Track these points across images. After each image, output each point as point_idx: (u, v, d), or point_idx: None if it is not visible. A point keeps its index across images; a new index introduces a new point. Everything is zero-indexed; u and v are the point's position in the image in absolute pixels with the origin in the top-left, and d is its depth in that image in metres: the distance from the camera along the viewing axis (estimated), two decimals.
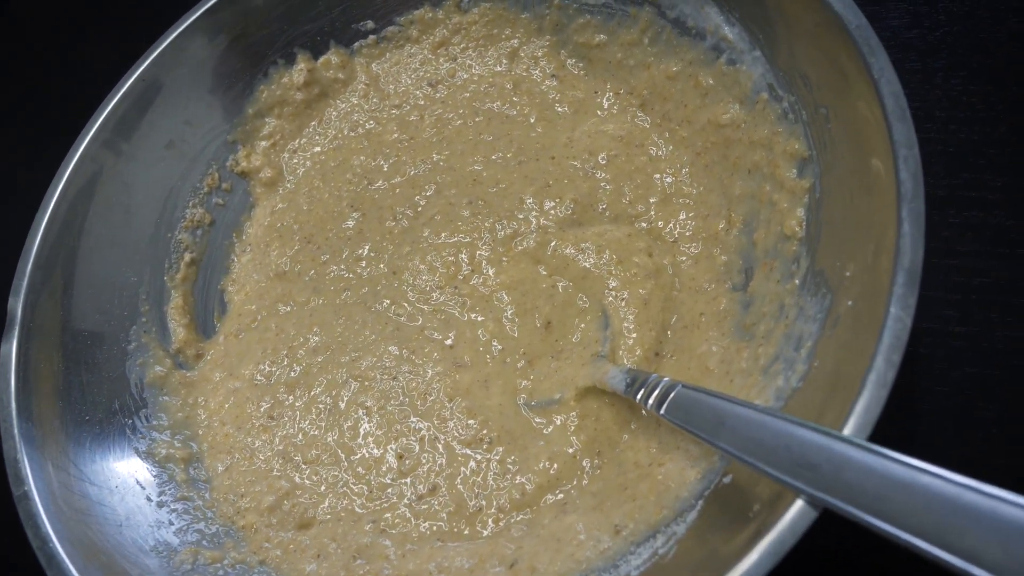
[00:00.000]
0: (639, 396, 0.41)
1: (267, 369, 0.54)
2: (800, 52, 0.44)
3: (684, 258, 0.51)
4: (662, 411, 0.39)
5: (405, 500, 0.48)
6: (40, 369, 0.48)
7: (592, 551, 0.41)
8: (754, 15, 0.47)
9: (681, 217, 0.52)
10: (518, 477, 0.46)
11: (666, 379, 0.40)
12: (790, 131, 0.45)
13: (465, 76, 0.61)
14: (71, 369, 0.50)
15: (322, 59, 0.62)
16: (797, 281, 0.43)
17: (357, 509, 0.48)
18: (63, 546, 0.41)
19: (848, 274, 0.38)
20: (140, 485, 0.48)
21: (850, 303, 0.37)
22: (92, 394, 0.50)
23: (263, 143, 0.62)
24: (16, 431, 0.44)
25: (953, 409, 0.46)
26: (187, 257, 0.59)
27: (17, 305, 0.49)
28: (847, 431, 0.32)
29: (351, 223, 0.59)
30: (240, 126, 0.62)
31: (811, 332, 0.40)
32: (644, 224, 0.52)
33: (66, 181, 0.53)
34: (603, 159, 0.55)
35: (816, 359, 0.38)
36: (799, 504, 0.31)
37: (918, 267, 0.34)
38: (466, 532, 0.45)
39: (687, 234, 0.51)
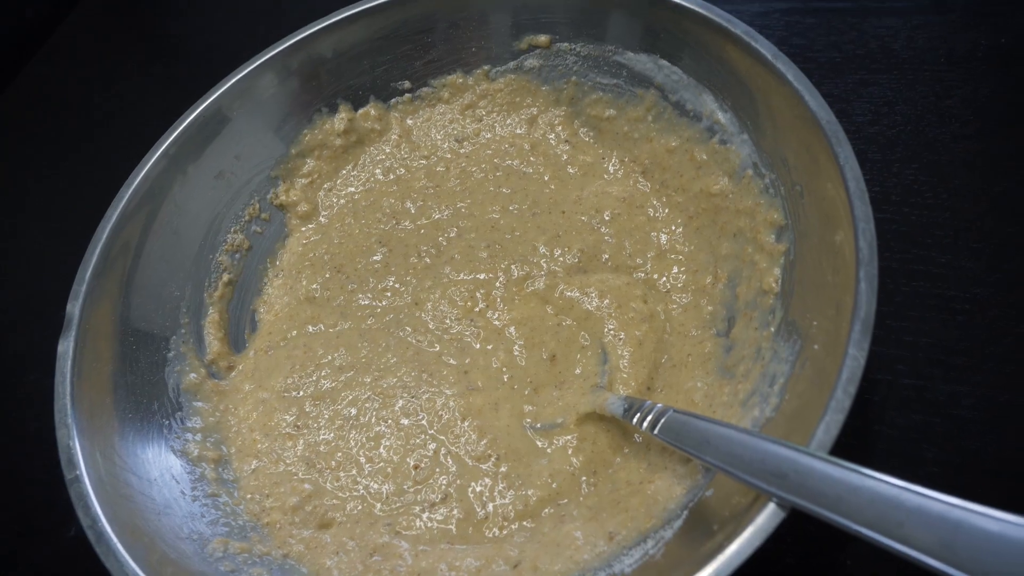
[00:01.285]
0: (635, 420, 0.48)
1: (294, 383, 0.60)
2: (781, 138, 0.53)
3: (675, 306, 0.58)
4: (656, 431, 0.46)
5: (419, 507, 0.53)
6: (92, 367, 0.53)
7: (589, 554, 0.46)
8: (744, 105, 0.56)
9: (674, 271, 0.59)
10: (522, 490, 0.52)
11: (659, 405, 0.47)
12: (770, 203, 0.53)
13: (488, 136, 0.69)
14: (118, 369, 0.55)
15: (361, 111, 0.70)
16: (772, 329, 0.50)
17: (375, 512, 0.53)
18: (111, 526, 0.45)
19: (815, 324, 0.46)
20: (175, 480, 0.52)
21: (816, 347, 0.45)
22: (135, 394, 0.55)
23: (302, 180, 0.69)
24: (70, 419, 0.49)
25: (901, 449, 0.53)
26: (225, 278, 0.65)
27: (75, 308, 0.54)
28: (811, 447, 0.38)
29: (378, 257, 0.65)
30: (282, 164, 0.68)
31: (783, 371, 0.47)
32: (641, 275, 0.60)
33: (129, 197, 0.59)
34: (607, 216, 0.62)
35: (787, 394, 0.45)
36: (771, 506, 0.37)
37: (871, 319, 0.41)
38: (473, 537, 0.51)
39: (679, 286, 0.59)
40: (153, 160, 0.60)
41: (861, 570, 0.49)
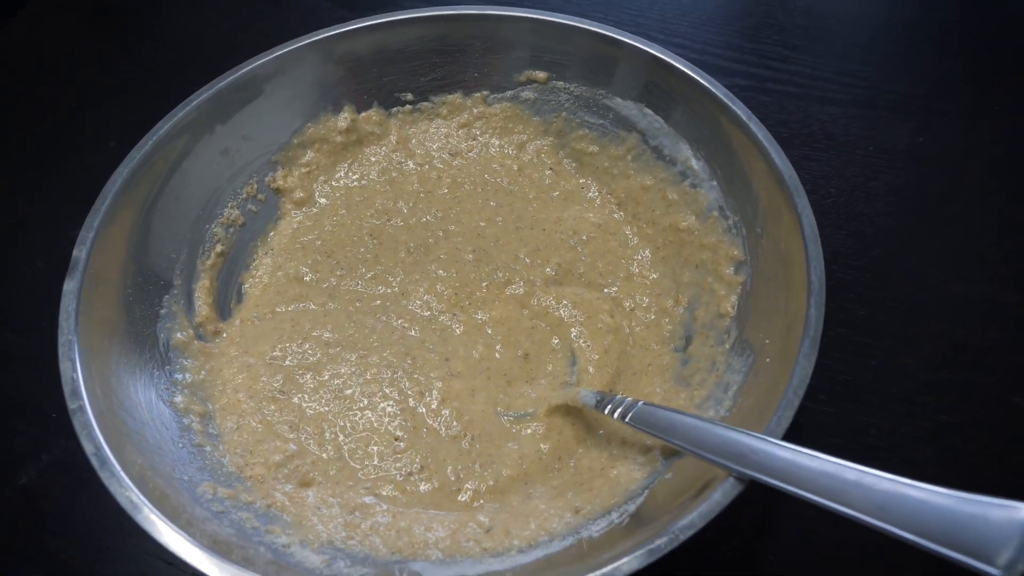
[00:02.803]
0: (607, 410, 0.54)
1: (281, 352, 0.63)
2: (748, 188, 0.61)
3: (638, 325, 0.65)
4: (627, 420, 0.52)
5: (398, 474, 0.56)
6: (93, 309, 0.54)
7: (557, 523, 0.51)
8: (716, 156, 0.64)
9: (639, 293, 0.66)
10: (493, 467, 0.56)
11: (628, 399, 0.53)
12: (732, 241, 0.62)
13: (480, 153, 0.75)
14: (116, 316, 0.57)
15: (364, 114, 0.75)
16: (727, 346, 0.58)
17: (357, 476, 0.56)
18: (113, 454, 0.47)
19: (768, 341, 0.54)
20: (165, 426, 0.54)
21: (768, 360, 0.52)
22: (130, 341, 0.57)
23: (300, 169, 0.73)
24: (75, 353, 0.51)
25: None
26: (218, 248, 0.67)
27: (81, 254, 0.56)
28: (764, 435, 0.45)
29: (368, 248, 0.69)
30: (284, 151, 0.72)
31: (737, 380, 0.54)
32: (611, 291, 0.66)
33: (141, 158, 0.60)
34: (584, 238, 0.69)
35: (740, 398, 0.53)
36: (731, 480, 0.44)
37: (818, 338, 0.49)
38: (447, 505, 0.55)
39: (643, 305, 0.66)
40: (171, 124, 0.63)
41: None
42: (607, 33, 0.66)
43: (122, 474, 0.46)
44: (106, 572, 0.59)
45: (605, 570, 0.41)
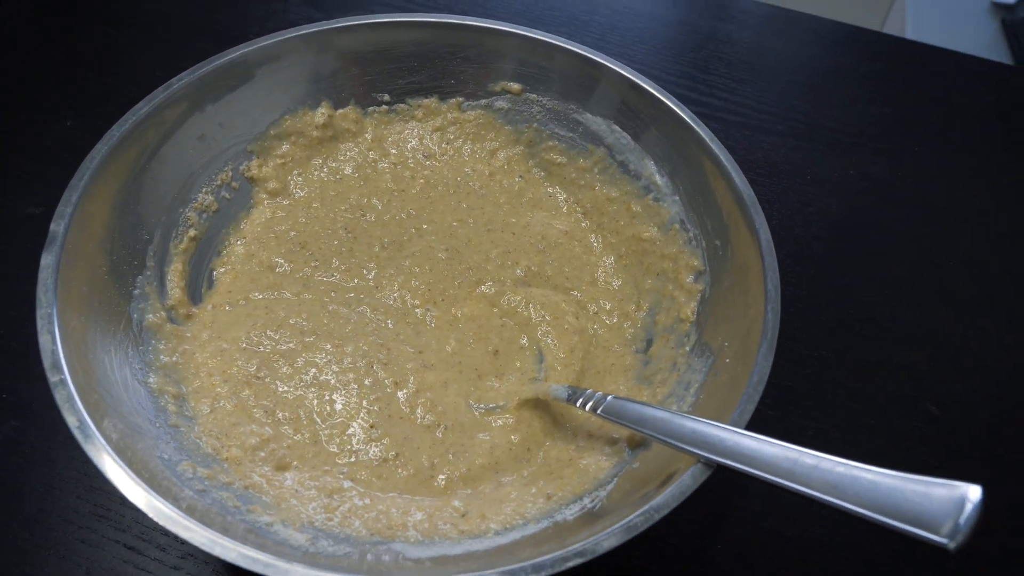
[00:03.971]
0: (578, 403, 0.57)
1: (256, 339, 0.63)
2: (706, 204, 0.66)
3: (601, 327, 0.69)
4: (599, 412, 0.55)
5: (372, 461, 0.58)
6: (70, 286, 0.54)
7: (531, 508, 0.54)
8: (680, 174, 0.69)
9: (602, 298, 0.70)
10: (466, 456, 0.59)
11: (599, 393, 0.56)
12: (692, 252, 0.66)
13: (453, 157, 0.78)
14: (91, 292, 0.56)
15: (340, 111, 0.76)
16: (687, 348, 0.62)
17: (334, 461, 0.57)
18: (97, 428, 0.46)
19: (727, 344, 0.58)
20: (141, 405, 0.54)
21: (728, 360, 0.57)
22: (104, 320, 0.56)
23: (276, 160, 0.73)
24: (55, 326, 0.50)
25: None
26: (191, 232, 0.67)
27: (59, 227, 0.55)
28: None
29: (343, 241, 0.70)
30: (260, 140, 0.72)
31: (697, 379, 0.58)
32: (576, 294, 0.70)
33: (123, 134, 0.60)
34: (551, 243, 0.73)
35: (701, 395, 0.57)
36: (699, 465, 0.48)
37: (775, 340, 0.54)
38: (421, 492, 0.56)
39: (606, 309, 0.69)
40: (164, 96, 0.63)
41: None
42: (590, 56, 0.70)
43: (108, 448, 0.45)
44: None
45: (586, 543, 0.44)
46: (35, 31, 0.96)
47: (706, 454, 0.47)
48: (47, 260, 0.53)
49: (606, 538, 0.44)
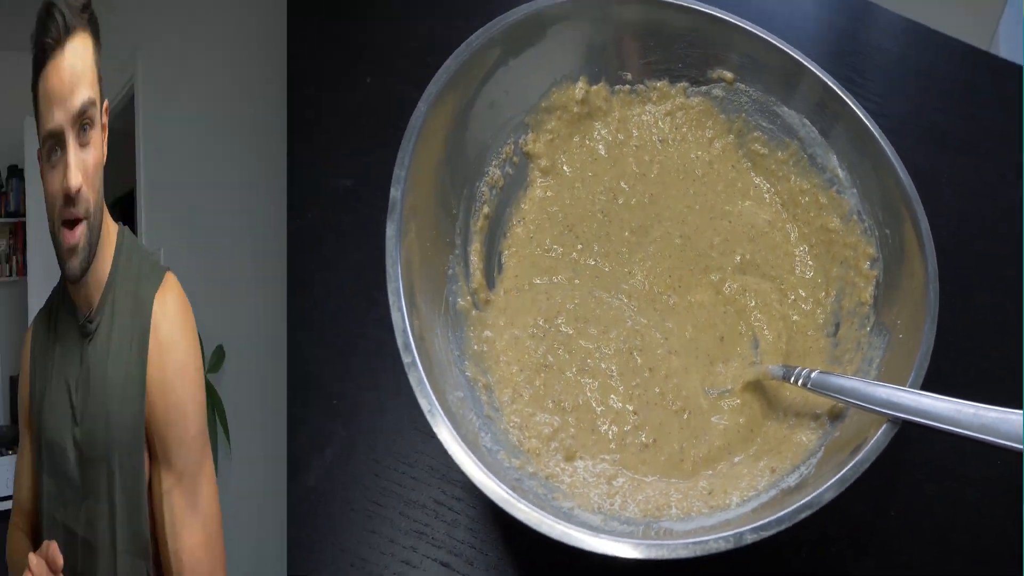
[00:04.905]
0: (792, 379, 0.69)
1: (541, 326, 0.70)
2: (877, 198, 0.77)
3: (797, 314, 0.81)
4: (808, 386, 0.67)
5: (635, 447, 0.71)
6: (406, 256, 0.58)
7: (760, 481, 0.66)
8: (858, 170, 0.78)
9: (800, 287, 0.82)
10: (706, 439, 0.72)
11: (807, 369, 0.68)
12: (868, 241, 0.77)
13: (680, 143, 0.85)
14: (419, 275, 0.60)
15: (594, 88, 0.82)
16: (868, 329, 0.74)
17: (609, 447, 0.71)
18: (445, 414, 0.52)
19: (899, 322, 0.70)
20: (462, 394, 0.59)
21: (900, 336, 0.69)
22: (429, 300, 0.61)
23: (546, 136, 0.77)
24: (403, 302, 0.54)
25: None
26: (485, 210, 0.71)
27: (398, 192, 0.57)
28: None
29: (601, 224, 0.77)
30: (533, 113, 0.75)
31: (878, 355, 0.71)
32: (779, 283, 0.81)
33: (438, 93, 0.65)
34: (759, 232, 0.82)
35: (882, 368, 0.70)
36: (886, 424, 0.61)
37: (935, 317, 0.67)
38: (674, 474, 0.66)
39: (802, 296, 0.81)
40: (475, 47, 0.68)
41: None
42: (798, 58, 0.76)
43: (457, 435, 0.51)
44: None
45: (810, 497, 0.56)
46: None
47: (894, 413, 0.60)
48: (391, 229, 0.56)
49: (826, 492, 0.54)
